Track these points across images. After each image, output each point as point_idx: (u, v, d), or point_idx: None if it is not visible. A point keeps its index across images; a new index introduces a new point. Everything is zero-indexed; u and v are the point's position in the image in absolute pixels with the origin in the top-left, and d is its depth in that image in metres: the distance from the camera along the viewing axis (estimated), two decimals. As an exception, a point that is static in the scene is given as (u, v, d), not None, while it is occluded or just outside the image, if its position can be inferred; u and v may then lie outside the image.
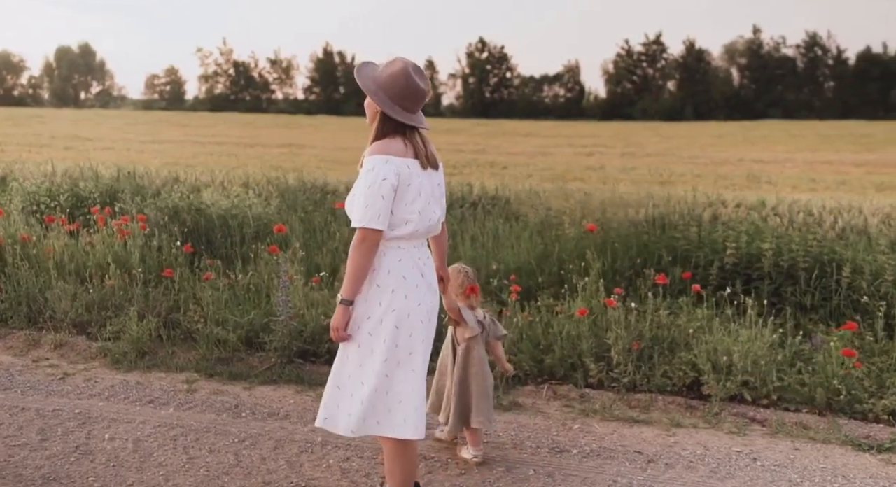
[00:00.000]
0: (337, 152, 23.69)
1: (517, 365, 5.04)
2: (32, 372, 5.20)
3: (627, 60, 79.01)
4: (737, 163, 21.31)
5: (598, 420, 4.50)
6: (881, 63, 77.44)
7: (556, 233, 6.20)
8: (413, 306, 3.08)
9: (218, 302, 5.76)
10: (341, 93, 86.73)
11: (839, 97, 75.66)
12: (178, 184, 9.58)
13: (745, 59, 79.06)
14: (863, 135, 33.68)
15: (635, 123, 53.69)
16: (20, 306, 6.07)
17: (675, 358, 4.88)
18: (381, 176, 2.94)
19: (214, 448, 4.06)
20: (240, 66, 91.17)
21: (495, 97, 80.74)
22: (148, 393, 4.82)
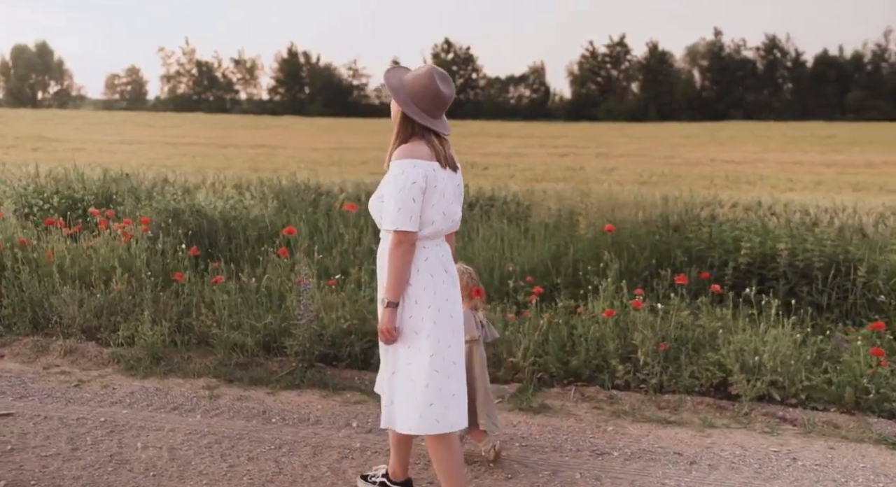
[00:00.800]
0: (311, 153, 23.53)
1: (543, 367, 5.04)
2: (45, 379, 5.06)
3: (592, 62, 79.70)
4: (710, 164, 21.57)
5: (631, 422, 4.50)
6: (837, 65, 79.09)
7: (570, 233, 6.19)
8: (442, 302, 3.17)
9: (232, 306, 5.66)
10: (306, 94, 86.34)
11: (798, 98, 77.01)
12: (168, 186, 9.44)
13: (707, 61, 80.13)
14: (826, 137, 34.32)
15: (601, 124, 54.16)
16: (24, 312, 5.92)
17: (701, 358, 4.90)
18: (411, 179, 3.01)
19: (252, 455, 3.98)
20: (203, 65, 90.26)
21: (461, 98, 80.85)
22: (170, 400, 4.72)
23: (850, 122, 54.31)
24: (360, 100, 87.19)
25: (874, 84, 76.95)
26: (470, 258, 6.27)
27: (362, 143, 27.80)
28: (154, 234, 6.60)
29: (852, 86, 76.82)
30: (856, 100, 73.98)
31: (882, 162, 22.88)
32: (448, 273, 3.22)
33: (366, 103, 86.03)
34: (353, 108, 79.74)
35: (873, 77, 78.53)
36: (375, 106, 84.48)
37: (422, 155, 3.07)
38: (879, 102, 72.16)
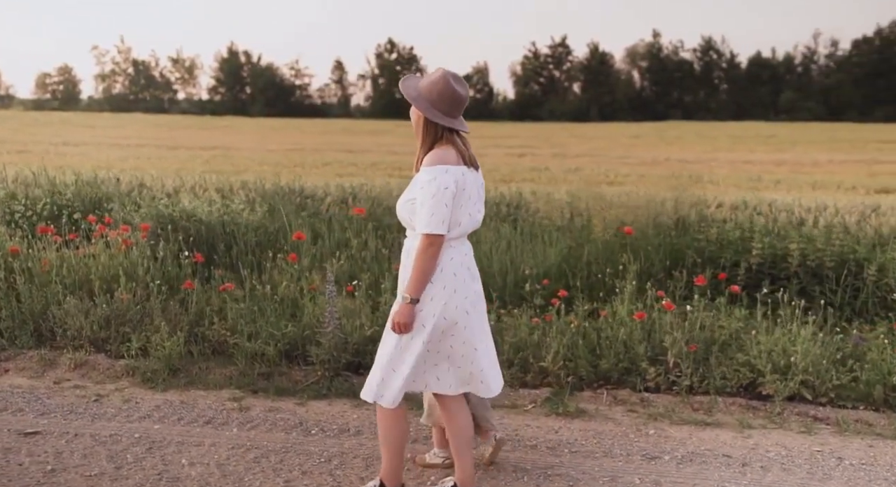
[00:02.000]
0: (267, 154, 23.19)
1: (573, 370, 5.04)
2: (61, 394, 4.88)
3: (534, 62, 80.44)
4: (666, 163, 21.93)
5: (669, 425, 4.54)
6: (770, 67, 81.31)
7: (581, 236, 6.20)
8: (460, 299, 3.33)
9: (248, 315, 5.53)
10: (248, 94, 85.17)
11: (733, 99, 78.86)
12: (146, 190, 9.18)
13: (646, 62, 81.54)
14: (768, 136, 35.23)
15: (548, 124, 54.63)
16: (25, 324, 5.69)
17: (727, 359, 4.96)
18: (444, 185, 3.16)
19: (305, 469, 3.89)
20: (139, 64, 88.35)
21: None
22: (200, 413, 4.59)
23: (784, 122, 55.79)
24: (302, 100, 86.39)
25: (804, 85, 79.42)
26: (482, 261, 6.24)
27: (317, 144, 27.54)
28: (152, 241, 6.40)
29: (784, 87, 79.07)
30: (788, 101, 76.15)
31: (827, 161, 23.56)
32: (469, 270, 3.40)
33: (309, 103, 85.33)
34: (296, 109, 78.99)
35: (803, 78, 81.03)
36: (319, 106, 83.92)
37: (451, 160, 3.22)
38: (809, 103, 74.47)
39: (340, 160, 20.00)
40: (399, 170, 17.57)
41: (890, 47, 79.37)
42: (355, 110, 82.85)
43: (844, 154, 25.73)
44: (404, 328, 3.27)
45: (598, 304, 5.55)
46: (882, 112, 69.42)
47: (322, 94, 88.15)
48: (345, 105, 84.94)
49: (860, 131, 39.88)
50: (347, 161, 19.62)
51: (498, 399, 4.87)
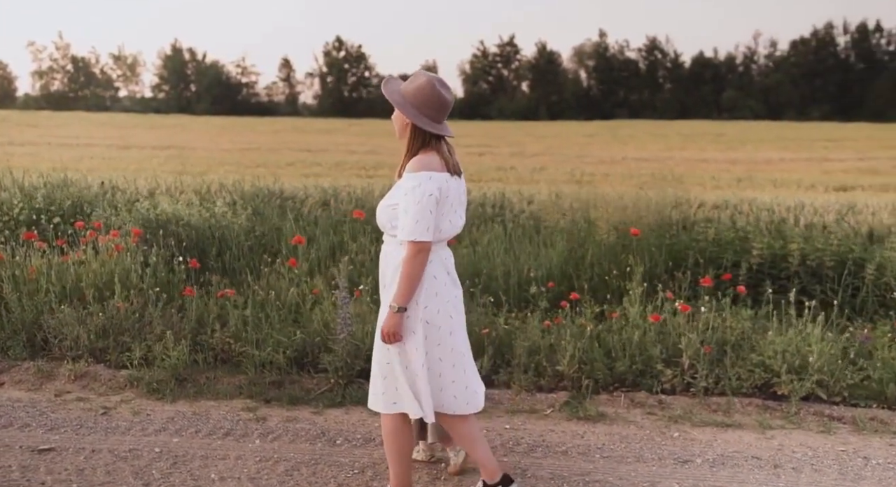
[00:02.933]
0: (224, 154, 22.81)
1: (588, 374, 5.03)
2: (64, 408, 4.70)
3: (483, 61, 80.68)
4: (624, 162, 22.17)
5: (691, 427, 4.55)
6: (713, 66, 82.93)
7: (587, 237, 6.20)
8: (443, 303, 3.32)
9: (253, 322, 5.41)
10: (193, 92, 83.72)
11: (677, 98, 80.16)
12: (119, 193, 8.93)
13: (593, 62, 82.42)
14: (717, 135, 35.88)
15: (500, 123, 54.83)
16: (17, 334, 5.47)
17: (741, 359, 5.00)
18: (428, 192, 3.14)
19: (340, 481, 3.81)
20: (79, 61, 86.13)
21: (354, 96, 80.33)
22: (216, 425, 4.46)
23: (726, 121, 56.91)
24: (249, 98, 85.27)
25: (745, 84, 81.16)
26: (482, 263, 6.21)
27: (272, 144, 27.18)
28: (145, 247, 6.22)
29: (726, 86, 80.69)
30: (730, 100, 77.73)
31: (778, 159, 24.09)
32: (450, 275, 3.39)
33: (256, 102, 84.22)
34: (242, 107, 77.94)
35: (744, 78, 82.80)
36: (266, 104, 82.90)
37: (435, 166, 3.20)
38: (750, 102, 76.19)
39: (302, 160, 19.75)
40: (364, 170, 17.44)
41: (825, 48, 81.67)
42: (303, 108, 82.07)
43: (793, 152, 26.34)
44: (393, 337, 3.24)
45: (607, 307, 5.55)
46: (819, 111, 71.44)
47: (269, 93, 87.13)
48: (293, 103, 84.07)
49: (804, 130, 40.89)
50: (310, 160, 19.39)
51: (516, 403, 4.87)
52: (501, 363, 5.21)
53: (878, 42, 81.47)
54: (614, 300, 5.67)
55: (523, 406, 4.82)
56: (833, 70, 79.62)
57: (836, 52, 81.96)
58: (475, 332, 5.29)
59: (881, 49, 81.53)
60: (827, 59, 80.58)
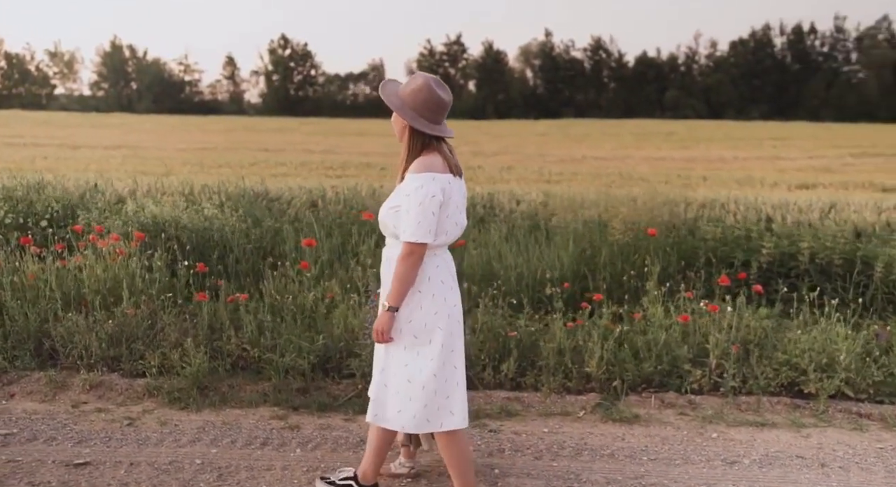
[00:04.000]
0: (178, 153, 22.35)
1: (617, 375, 5.03)
2: (86, 419, 4.52)
3: (430, 60, 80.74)
4: (585, 161, 22.37)
5: (726, 427, 4.58)
6: (656, 66, 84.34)
7: (599, 237, 6.21)
8: (451, 307, 3.34)
9: (272, 327, 5.29)
10: (133, 90, 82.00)
11: (621, 97, 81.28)
12: (99, 194, 8.65)
13: (539, 61, 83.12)
14: (668, 134, 36.47)
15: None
16: (23, 344, 5.25)
17: (766, 358, 5.06)
18: (430, 193, 3.12)
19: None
20: (13, 58, 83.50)
21: (300, 95, 79.64)
22: (251, 434, 4.34)
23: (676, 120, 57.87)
24: (192, 96, 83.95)
25: (687, 84, 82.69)
26: (494, 264, 6.18)
27: (227, 143, 26.73)
28: (150, 251, 6.03)
29: (669, 85, 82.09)
30: (672, 99, 79.13)
31: (731, 158, 24.58)
32: (454, 279, 3.40)
33: (199, 100, 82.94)
34: (186, 105, 76.75)
35: (686, 78, 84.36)
36: (210, 103, 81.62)
37: (438, 168, 3.18)
38: (692, 101, 77.68)
39: (265, 160, 19.45)
40: (331, 170, 17.26)
41: (763, 49, 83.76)
42: (249, 107, 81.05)
43: (744, 151, 26.89)
44: (384, 335, 3.24)
45: (628, 307, 5.56)
46: (757, 110, 73.30)
47: (213, 91, 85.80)
48: (238, 102, 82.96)
49: (749, 128, 41.79)
50: (273, 160, 19.10)
51: (547, 406, 4.85)
52: (527, 365, 5.18)
53: (812, 43, 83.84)
54: (631, 300, 5.68)
55: (555, 409, 4.80)
56: (770, 70, 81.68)
57: (773, 53, 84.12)
58: (500, 335, 5.27)
59: (815, 50, 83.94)
60: (764, 60, 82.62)
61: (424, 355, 3.29)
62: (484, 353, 5.14)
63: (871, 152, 25.93)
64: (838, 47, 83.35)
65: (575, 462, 4.08)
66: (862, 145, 28.68)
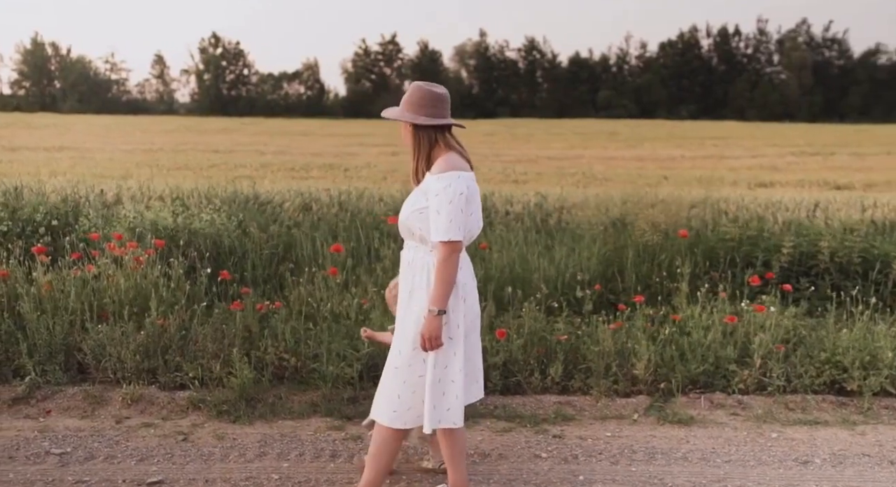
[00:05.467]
0: (126, 155, 21.69)
1: (663, 377, 5.07)
2: (137, 435, 4.34)
3: (365, 60, 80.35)
4: (539, 161, 22.55)
5: (781, 426, 4.65)
6: (588, 67, 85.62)
7: (624, 238, 6.25)
8: (477, 308, 3.41)
9: (313, 335, 5.17)
10: (57, 88, 79.33)
11: (554, 97, 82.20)
12: (83, 200, 8.33)
13: (474, 61, 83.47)
14: (611, 133, 37.03)
15: (387, 122, 54.44)
16: (53, 357, 5.01)
17: (808, 357, 5.16)
18: (458, 191, 3.14)
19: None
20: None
21: (233, 94, 78.28)
22: (317, 447, 4.23)
23: (618, 120, 58.80)
24: (120, 96, 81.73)
25: (619, 84, 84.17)
26: (515, 266, 6.16)
27: (173, 144, 26.04)
28: (173, 259, 5.83)
29: (601, 86, 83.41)
30: (605, 99, 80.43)
31: (680, 156, 25.09)
32: (473, 280, 3.43)
33: (128, 99, 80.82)
34: (113, 105, 74.61)
35: (618, 78, 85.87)
36: (139, 102, 79.64)
37: (461, 165, 3.21)
38: (624, 101, 79.10)
39: (224, 162, 19.00)
40: (293, 171, 16.99)
41: (691, 50, 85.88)
42: (180, 107, 79.33)
43: (689, 150, 27.47)
44: (434, 341, 3.20)
45: (665, 309, 5.60)
46: (687, 110, 75.11)
47: (142, 90, 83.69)
48: (168, 101, 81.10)
49: (689, 128, 42.75)
50: (233, 162, 18.68)
51: (599, 410, 4.85)
52: (572, 369, 5.17)
53: (737, 45, 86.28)
54: (664, 301, 5.73)
55: (608, 413, 4.81)
56: (698, 71, 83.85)
57: (700, 54, 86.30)
58: (546, 339, 5.26)
59: (740, 52, 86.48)
60: (692, 61, 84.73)
61: (459, 355, 3.29)
62: (531, 357, 5.11)
63: (809, 151, 26.79)
64: (761, 49, 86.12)
65: (652, 467, 4.08)
66: (798, 144, 29.63)
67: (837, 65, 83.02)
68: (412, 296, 3.29)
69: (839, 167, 20.65)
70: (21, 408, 4.67)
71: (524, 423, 4.63)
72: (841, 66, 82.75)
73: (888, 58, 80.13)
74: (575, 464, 4.09)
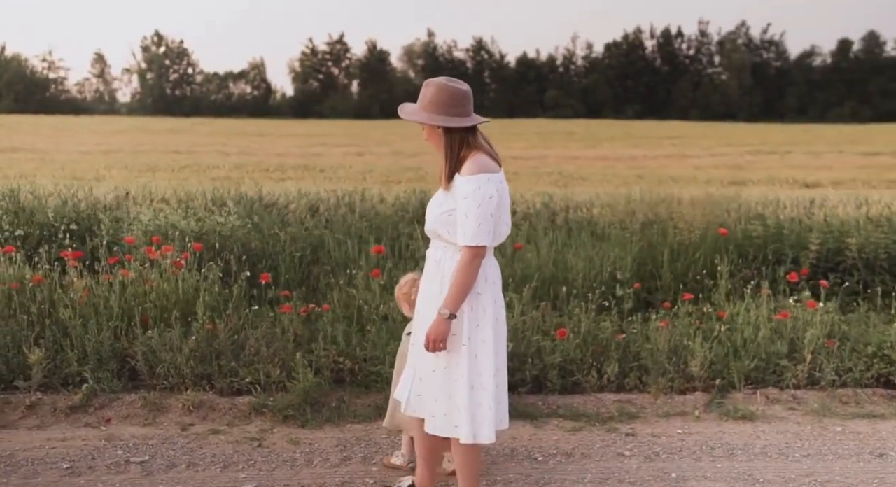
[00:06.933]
0: (86, 156, 21.18)
1: (717, 374, 5.13)
2: (208, 442, 4.25)
3: (313, 59, 79.57)
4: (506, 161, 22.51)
5: (842, 420, 4.74)
6: (536, 67, 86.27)
7: (659, 237, 6.33)
8: (503, 310, 3.35)
9: (373, 337, 5.12)
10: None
11: (503, 97, 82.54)
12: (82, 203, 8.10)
13: (423, 61, 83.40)
14: (568, 133, 37.38)
15: (345, 121, 54.31)
16: (105, 363, 4.85)
17: (854, 351, 5.28)
18: (488, 194, 3.10)
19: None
20: None
21: (177, 94, 76.85)
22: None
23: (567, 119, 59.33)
24: (59, 95, 79.46)
25: (566, 84, 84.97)
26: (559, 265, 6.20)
27: (130, 145, 25.45)
28: (211, 263, 5.71)
29: (548, 86, 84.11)
30: (552, 99, 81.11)
31: (641, 155, 25.44)
32: (500, 282, 3.37)
33: (66, 98, 78.64)
34: (52, 105, 72.41)
35: (564, 78, 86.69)
36: (79, 102, 77.64)
37: (491, 167, 3.17)
38: (571, 101, 79.92)
39: (194, 162, 18.62)
40: (268, 172, 16.77)
41: (635, 51, 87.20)
42: (122, 106, 77.56)
43: (647, 149, 27.86)
44: (439, 344, 3.15)
45: (707, 306, 5.69)
46: (632, 110, 76.25)
47: (82, 89, 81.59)
48: (110, 101, 79.23)
49: (645, 127, 43.29)
50: (206, 163, 18.33)
51: (659, 407, 4.91)
52: (626, 367, 5.21)
53: (679, 46, 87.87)
54: (705, 299, 5.82)
55: (670, 410, 4.86)
56: (642, 72, 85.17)
57: (644, 55, 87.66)
58: (598, 338, 5.29)
59: (682, 53, 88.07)
60: (637, 62, 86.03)
61: (490, 359, 3.24)
62: (588, 356, 5.14)
63: (765, 150, 27.43)
64: (702, 50, 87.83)
65: (735, 463, 4.14)
66: (752, 143, 30.29)
67: (775, 66, 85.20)
68: (443, 295, 3.20)
69: (799, 166, 21.18)
70: (79, 417, 4.54)
71: (591, 422, 4.65)
72: (778, 67, 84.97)
73: (822, 59, 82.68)
74: (660, 462, 4.13)
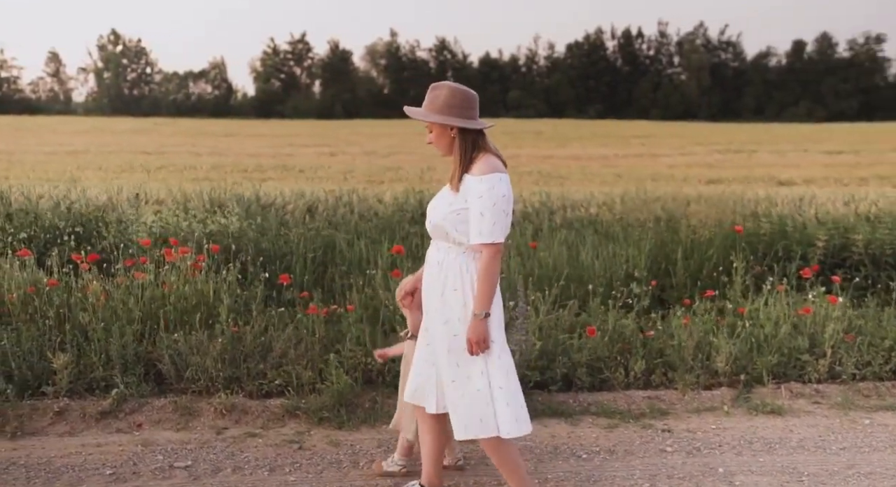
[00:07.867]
0: (53, 157, 20.79)
1: (741, 369, 5.19)
2: (247, 446, 4.19)
3: (274, 58, 79.09)
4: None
5: (867, 413, 4.83)
6: (498, 67, 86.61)
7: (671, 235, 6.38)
8: (500, 309, 3.37)
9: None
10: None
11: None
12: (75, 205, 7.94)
13: (385, 61, 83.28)
14: (537, 133, 37.56)
15: (309, 121, 53.95)
16: (130, 368, 4.75)
17: (870, 345, 5.38)
18: (501, 193, 3.17)
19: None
20: None
21: (135, 93, 75.82)
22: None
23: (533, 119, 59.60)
24: (12, 94, 77.84)
25: (528, 84, 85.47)
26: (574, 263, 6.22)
27: (97, 146, 25.03)
28: (231, 264, 5.64)
29: (511, 86, 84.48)
30: (515, 99, 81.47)
31: (613, 155, 25.72)
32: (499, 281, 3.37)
33: (20, 98, 77.06)
34: (4, 104, 70.94)
35: (527, 78, 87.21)
36: (32, 102, 76.12)
37: (501, 167, 3.24)
38: (533, 101, 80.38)
39: (169, 163, 18.37)
40: (246, 173, 16.60)
41: (597, 51, 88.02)
42: (78, 106, 76.23)
43: (616, 149, 28.17)
44: (483, 344, 3.20)
45: (723, 302, 5.75)
46: (594, 109, 76.98)
47: (36, 89, 80.00)
48: (65, 101, 77.82)
49: (612, 127, 43.75)
50: (181, 163, 18.09)
51: (687, 403, 4.96)
52: (652, 364, 5.24)
53: (640, 47, 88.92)
54: (720, 296, 5.88)
55: (699, 406, 4.90)
56: (604, 72, 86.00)
57: (605, 55, 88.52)
58: (623, 335, 5.33)
59: (643, 53, 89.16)
60: (598, 62, 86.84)
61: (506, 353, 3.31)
62: (615, 353, 5.17)
63: (732, 149, 27.87)
64: (662, 51, 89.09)
65: (777, 456, 4.19)
66: (719, 142, 30.78)
67: (732, 66, 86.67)
68: (445, 298, 3.27)
69: (768, 164, 21.55)
70: (110, 422, 4.44)
71: (625, 419, 4.67)
72: (736, 67, 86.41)
73: (778, 60, 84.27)
74: (703, 457, 4.16)
